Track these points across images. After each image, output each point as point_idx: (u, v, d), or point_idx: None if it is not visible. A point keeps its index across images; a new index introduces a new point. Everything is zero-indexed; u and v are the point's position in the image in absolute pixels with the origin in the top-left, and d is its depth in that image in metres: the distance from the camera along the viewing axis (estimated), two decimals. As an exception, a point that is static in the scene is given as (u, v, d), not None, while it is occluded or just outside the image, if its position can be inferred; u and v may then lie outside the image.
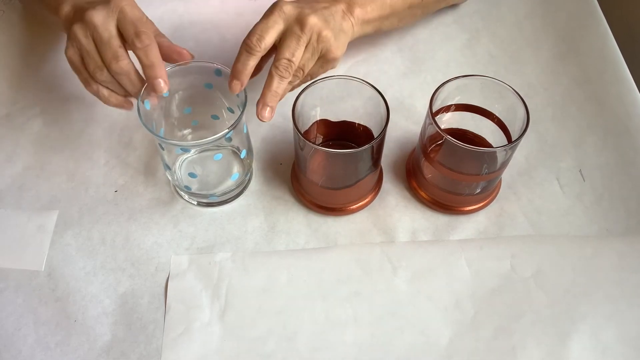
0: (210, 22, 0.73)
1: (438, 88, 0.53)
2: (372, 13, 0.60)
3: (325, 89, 0.54)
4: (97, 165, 0.63)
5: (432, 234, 0.58)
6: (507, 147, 0.50)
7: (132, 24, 0.49)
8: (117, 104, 0.53)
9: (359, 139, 0.59)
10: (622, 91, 0.66)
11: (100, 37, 0.49)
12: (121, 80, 0.50)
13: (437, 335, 0.52)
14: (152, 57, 0.49)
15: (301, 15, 0.51)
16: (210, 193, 0.58)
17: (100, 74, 0.50)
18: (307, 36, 0.51)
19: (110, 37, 0.49)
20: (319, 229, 0.58)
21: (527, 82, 0.69)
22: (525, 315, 0.52)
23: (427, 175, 0.57)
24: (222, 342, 0.52)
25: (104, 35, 0.49)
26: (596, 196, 0.60)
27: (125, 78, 0.50)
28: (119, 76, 0.50)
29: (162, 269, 0.56)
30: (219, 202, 0.59)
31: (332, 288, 0.54)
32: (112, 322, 0.53)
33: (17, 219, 0.59)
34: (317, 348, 0.51)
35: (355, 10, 0.58)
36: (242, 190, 0.60)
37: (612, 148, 0.63)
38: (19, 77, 0.70)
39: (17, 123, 0.66)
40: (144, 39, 0.49)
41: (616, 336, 0.51)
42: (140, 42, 0.49)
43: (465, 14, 0.75)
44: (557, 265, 0.55)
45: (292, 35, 0.51)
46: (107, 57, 0.49)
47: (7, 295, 0.54)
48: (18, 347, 0.52)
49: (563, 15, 0.74)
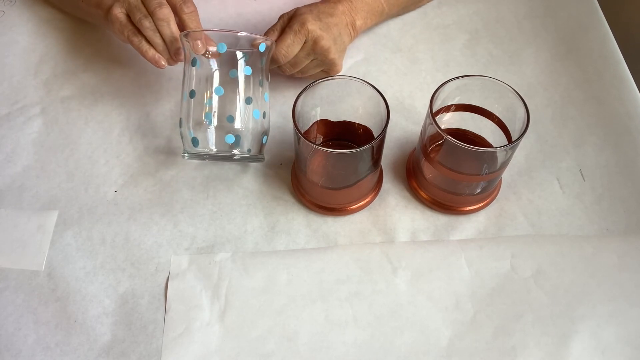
0: (210, 22, 0.73)
1: (438, 88, 0.53)
2: (371, 23, 0.68)
3: (325, 89, 0.54)
4: (97, 165, 0.63)
5: (432, 234, 0.58)
6: (507, 147, 0.50)
7: None
8: (152, 57, 0.57)
9: (359, 139, 0.59)
10: (622, 91, 0.66)
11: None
12: (162, 27, 0.56)
13: (437, 335, 0.52)
14: (196, 22, 0.58)
15: (318, 39, 0.59)
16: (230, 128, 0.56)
17: (146, 21, 0.56)
18: (315, 54, 0.61)
19: None
20: (319, 229, 0.58)
21: (527, 82, 0.69)
22: (525, 315, 0.52)
23: (427, 175, 0.57)
24: (222, 342, 0.52)
25: None
26: (596, 196, 0.60)
27: (166, 25, 0.56)
28: (161, 22, 0.55)
29: (162, 269, 0.56)
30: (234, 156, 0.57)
31: (332, 288, 0.54)
32: (112, 322, 0.53)
33: (17, 219, 0.59)
34: (317, 348, 0.51)
35: (357, 24, 0.65)
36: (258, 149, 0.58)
37: (612, 148, 0.63)
38: (19, 77, 0.70)
39: (17, 123, 0.66)
40: (190, 5, 0.57)
41: (616, 336, 0.51)
42: (188, 7, 0.57)
43: (465, 14, 0.75)
44: (557, 265, 0.55)
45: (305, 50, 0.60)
46: (152, 5, 0.56)
47: (7, 295, 0.54)
48: (18, 347, 0.52)
49: (563, 15, 0.74)
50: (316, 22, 0.59)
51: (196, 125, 0.56)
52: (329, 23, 0.60)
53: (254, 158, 0.58)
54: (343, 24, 0.62)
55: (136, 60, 0.70)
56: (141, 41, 0.56)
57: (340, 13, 0.63)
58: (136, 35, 0.57)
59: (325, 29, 0.60)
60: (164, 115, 0.66)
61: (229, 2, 0.75)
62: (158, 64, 0.57)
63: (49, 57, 0.71)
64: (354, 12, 0.65)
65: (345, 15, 0.63)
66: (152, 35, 0.56)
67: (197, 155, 0.57)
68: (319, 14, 0.60)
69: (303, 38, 0.59)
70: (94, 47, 0.72)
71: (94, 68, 0.70)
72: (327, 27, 0.60)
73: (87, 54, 0.71)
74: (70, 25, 0.74)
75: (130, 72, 0.69)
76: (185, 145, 0.57)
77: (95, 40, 0.72)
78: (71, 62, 0.71)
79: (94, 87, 0.69)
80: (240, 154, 0.57)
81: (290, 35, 0.58)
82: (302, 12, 0.60)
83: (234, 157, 0.57)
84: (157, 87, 0.68)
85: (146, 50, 0.56)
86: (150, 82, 0.69)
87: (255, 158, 0.58)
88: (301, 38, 0.59)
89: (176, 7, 0.57)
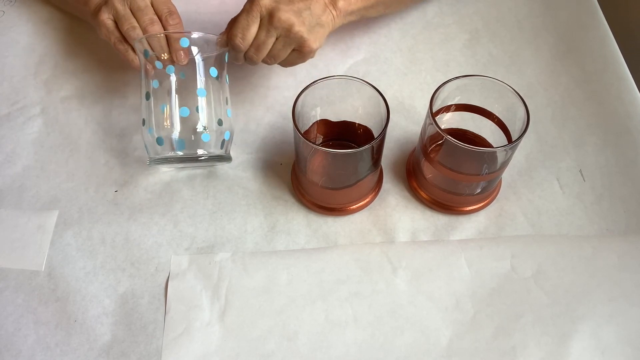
0: (210, 22, 0.73)
1: (438, 88, 0.53)
2: (357, 4, 0.61)
3: (325, 89, 0.54)
4: (97, 165, 0.63)
5: (432, 234, 0.58)
6: (507, 147, 0.50)
7: (165, 3, 0.59)
8: (139, 67, 0.58)
9: (359, 139, 0.59)
10: (622, 91, 0.66)
11: (137, 5, 0.58)
12: (152, 41, 0.56)
13: (437, 335, 0.52)
14: None
15: (274, 11, 0.54)
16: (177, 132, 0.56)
17: (133, 32, 0.57)
18: (277, 31, 0.55)
19: (146, 6, 0.58)
20: (319, 229, 0.58)
21: (527, 82, 0.69)
22: (525, 315, 0.52)
23: (427, 175, 0.57)
24: (222, 342, 0.52)
25: (141, 4, 0.58)
26: (596, 196, 0.60)
27: (156, 41, 0.56)
28: (152, 38, 0.56)
29: (162, 269, 0.56)
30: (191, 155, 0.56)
31: (332, 288, 0.54)
32: (112, 322, 0.53)
33: (17, 219, 0.59)
34: (317, 348, 0.51)
35: (339, 3, 0.58)
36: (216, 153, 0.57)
37: (612, 148, 0.63)
38: (19, 77, 0.70)
39: (17, 123, 0.66)
40: (176, 18, 0.59)
41: (616, 336, 0.51)
42: (173, 20, 0.59)
43: (465, 14, 0.75)
44: (557, 265, 0.55)
45: (262, 27, 0.55)
46: (145, 21, 0.57)
47: (7, 295, 0.54)
48: (18, 347, 0.52)
49: (563, 15, 0.74)
50: (283, 6, 0.54)
51: (157, 128, 0.56)
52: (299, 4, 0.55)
53: (221, 157, 0.58)
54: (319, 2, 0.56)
55: (136, 60, 0.70)
56: (127, 50, 0.58)
57: None
58: (122, 43, 0.58)
59: (284, 1, 0.54)
60: (164, 115, 0.66)
61: (229, 2, 0.75)
62: None
63: (49, 57, 0.71)
64: None
65: None
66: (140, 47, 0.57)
67: (162, 159, 0.56)
68: None
69: (257, 15, 0.54)
70: (94, 47, 0.72)
71: (94, 68, 0.70)
72: (298, 12, 0.54)
73: (87, 53, 0.71)
74: (70, 25, 0.74)
75: (130, 72, 0.69)
76: (150, 150, 0.57)
77: (95, 40, 0.72)
78: (71, 62, 0.71)
79: (94, 87, 0.69)
80: (208, 153, 0.57)
81: (243, 15, 0.54)
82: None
83: (200, 158, 0.56)
84: (157, 87, 0.68)
85: (132, 59, 0.58)
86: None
87: (222, 158, 0.58)
88: (255, 15, 0.54)
89: (161, 18, 0.58)
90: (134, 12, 0.58)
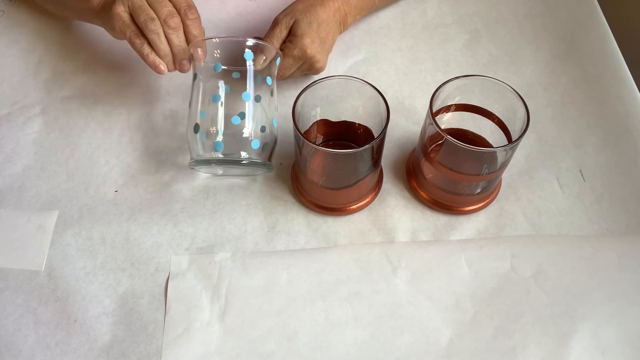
0: (211, 22, 0.73)
1: (438, 88, 0.53)
2: (360, 17, 0.69)
3: (325, 89, 0.54)
4: (97, 165, 0.63)
5: (432, 234, 0.58)
6: (507, 147, 0.50)
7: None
8: (153, 62, 0.56)
9: (359, 139, 0.59)
10: (622, 91, 0.66)
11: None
12: (171, 35, 0.55)
13: (437, 335, 0.52)
14: (199, 28, 0.57)
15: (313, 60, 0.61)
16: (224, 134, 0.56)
17: (152, 23, 0.54)
18: (302, 61, 0.61)
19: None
20: (319, 229, 0.58)
21: (527, 82, 0.69)
22: (525, 315, 0.52)
23: (427, 175, 0.57)
24: (222, 342, 0.52)
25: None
26: (596, 196, 0.60)
27: (175, 34, 0.55)
28: (171, 30, 0.55)
29: (162, 269, 0.56)
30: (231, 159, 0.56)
31: (332, 288, 0.54)
32: (112, 322, 0.53)
33: (17, 219, 0.59)
34: (317, 348, 0.51)
35: (348, 20, 0.65)
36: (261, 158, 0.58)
37: (612, 148, 0.63)
38: (19, 77, 0.70)
39: (17, 123, 0.66)
40: (194, 12, 0.57)
41: (616, 336, 0.51)
42: (192, 14, 0.56)
43: (465, 14, 0.75)
44: (557, 265, 0.55)
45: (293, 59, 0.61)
46: (164, 13, 0.55)
47: (7, 295, 0.54)
48: (18, 347, 0.52)
49: (563, 15, 0.74)
50: (315, 44, 0.60)
51: (207, 133, 0.56)
52: (325, 38, 0.62)
53: (262, 165, 0.57)
54: (335, 23, 0.63)
55: (136, 60, 0.70)
56: (143, 44, 0.56)
57: (334, 11, 0.63)
58: (139, 37, 0.55)
59: (321, 45, 0.61)
60: (164, 115, 0.66)
61: (229, 2, 0.75)
62: (158, 69, 0.56)
63: (49, 57, 0.71)
64: (347, 6, 0.65)
65: (339, 12, 0.63)
66: (157, 40, 0.55)
67: (204, 161, 0.56)
68: (317, 27, 0.61)
69: (302, 62, 0.61)
70: (94, 47, 0.72)
71: (94, 68, 0.70)
72: (323, 43, 0.61)
73: (87, 54, 0.71)
74: (71, 26, 0.74)
75: (131, 72, 0.69)
76: (194, 152, 0.57)
77: (96, 40, 0.72)
78: (71, 62, 0.71)
79: (94, 87, 0.69)
80: (249, 158, 0.56)
81: (290, 60, 0.61)
82: (302, 30, 0.60)
83: (242, 161, 0.56)
84: (157, 87, 0.68)
85: (147, 54, 0.56)
86: (150, 82, 0.69)
87: (264, 165, 0.57)
88: (299, 62, 0.61)
89: (180, 11, 0.56)
90: (151, 4, 0.55)
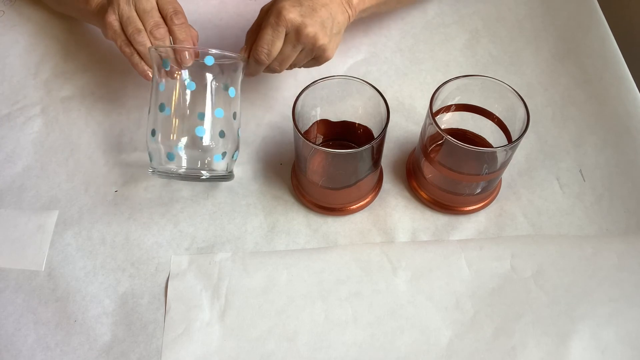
0: (210, 22, 0.73)
1: (438, 88, 0.53)
2: (370, 1, 0.61)
3: (325, 89, 0.54)
4: (97, 165, 0.63)
5: (432, 234, 0.58)
6: (507, 147, 0.50)
7: (170, 2, 0.57)
8: (143, 71, 0.57)
9: (359, 139, 0.59)
10: (622, 91, 0.66)
11: (143, 7, 0.56)
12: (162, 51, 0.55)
13: (437, 335, 0.52)
14: (185, 34, 0.57)
15: (301, 27, 0.53)
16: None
17: (138, 35, 0.56)
18: (303, 45, 0.55)
19: (152, 8, 0.57)
20: (319, 229, 0.58)
21: (527, 82, 0.69)
22: (525, 315, 0.52)
23: (427, 175, 0.57)
24: (222, 342, 0.52)
25: (146, 6, 0.56)
26: (596, 196, 0.60)
27: (162, 44, 0.56)
28: (158, 42, 0.56)
29: (162, 269, 0.56)
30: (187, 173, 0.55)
31: (332, 288, 0.54)
32: (112, 322, 0.53)
33: (17, 219, 0.59)
34: (317, 348, 0.51)
35: (354, 1, 0.58)
36: None
37: (612, 148, 0.63)
38: (19, 77, 0.70)
39: (17, 123, 0.66)
40: (181, 17, 0.57)
41: (616, 336, 0.51)
42: (178, 19, 0.57)
43: (465, 14, 0.75)
44: (557, 265, 0.55)
45: (288, 42, 0.55)
46: (150, 24, 0.56)
47: (7, 295, 0.54)
48: (18, 347, 0.52)
49: (563, 15, 0.74)
50: (295, 9, 0.53)
51: (165, 140, 0.55)
52: (314, 5, 0.54)
53: (223, 177, 0.56)
54: (336, 2, 0.56)
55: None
56: (133, 53, 0.57)
57: None
58: (128, 46, 0.57)
59: (309, 13, 0.53)
60: (164, 115, 0.66)
61: (229, 2, 0.75)
62: (147, 77, 0.57)
63: (49, 57, 0.71)
64: None
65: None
66: (144, 51, 0.56)
67: (165, 173, 0.55)
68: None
69: (283, 30, 0.53)
70: (94, 47, 0.72)
71: (94, 68, 0.70)
72: (310, 10, 0.53)
73: (87, 54, 0.71)
74: (70, 25, 0.74)
75: (131, 72, 0.69)
76: (155, 161, 0.55)
77: (96, 40, 0.72)
78: (71, 62, 0.71)
79: (94, 87, 0.69)
80: (209, 173, 0.55)
81: (268, 30, 0.53)
82: None
83: (202, 177, 0.55)
84: (157, 87, 0.68)
85: (137, 63, 0.57)
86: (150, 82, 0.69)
87: (224, 177, 0.57)
88: (280, 31, 0.53)
89: (166, 17, 0.57)
90: (140, 14, 0.56)
